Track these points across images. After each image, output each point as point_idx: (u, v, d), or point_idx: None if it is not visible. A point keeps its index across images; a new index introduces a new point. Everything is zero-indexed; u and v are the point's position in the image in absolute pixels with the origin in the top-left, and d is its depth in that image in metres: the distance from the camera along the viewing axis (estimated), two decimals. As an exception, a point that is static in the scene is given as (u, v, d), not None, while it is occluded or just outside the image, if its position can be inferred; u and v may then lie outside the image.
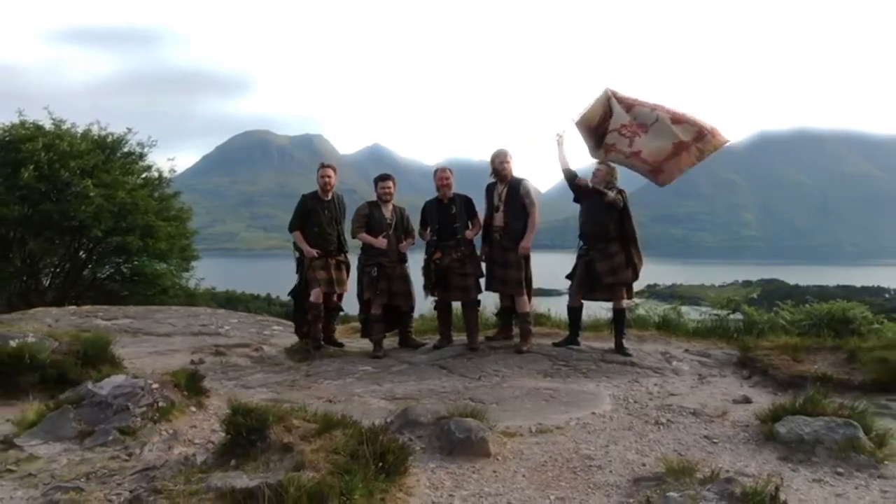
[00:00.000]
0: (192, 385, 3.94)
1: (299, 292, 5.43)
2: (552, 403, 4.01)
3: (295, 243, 5.42)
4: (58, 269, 11.61)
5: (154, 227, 11.28)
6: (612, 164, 5.20)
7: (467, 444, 3.08)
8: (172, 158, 13.18)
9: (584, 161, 5.64)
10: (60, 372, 4.38)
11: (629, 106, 5.06)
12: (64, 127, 11.58)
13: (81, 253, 11.65)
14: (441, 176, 5.31)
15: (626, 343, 5.13)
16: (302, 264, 5.41)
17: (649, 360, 4.97)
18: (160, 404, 3.52)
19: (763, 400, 3.98)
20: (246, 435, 2.73)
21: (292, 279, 5.60)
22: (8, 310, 10.14)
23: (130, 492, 2.54)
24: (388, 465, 2.62)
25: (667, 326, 5.92)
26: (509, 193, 5.18)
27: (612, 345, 5.19)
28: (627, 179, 5.61)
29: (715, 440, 3.35)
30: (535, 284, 5.39)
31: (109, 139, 12.08)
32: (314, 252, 5.30)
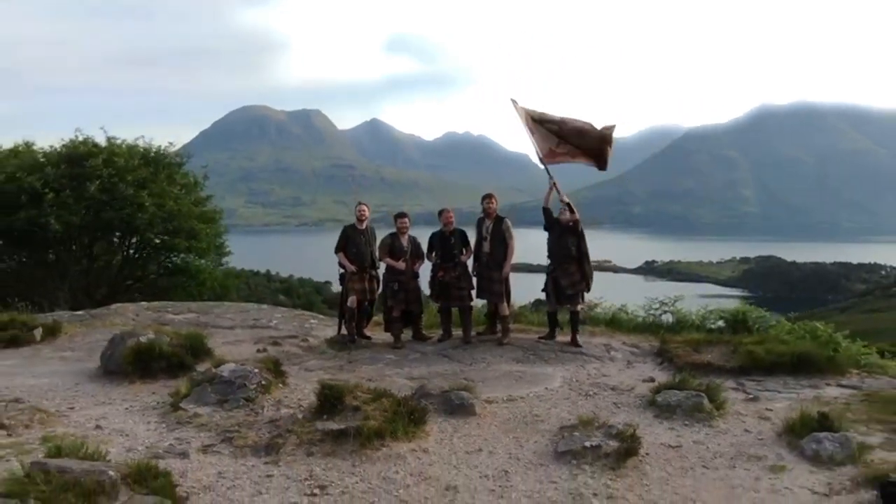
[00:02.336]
0: (276, 369, 5.82)
1: (342, 298, 7.32)
2: (520, 382, 5.90)
3: (339, 262, 7.26)
4: (111, 266, 13.46)
5: (196, 230, 13.12)
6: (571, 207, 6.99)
7: (462, 407, 4.96)
8: (205, 166, 14.93)
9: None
10: (179, 360, 6.25)
11: (541, 119, 6.90)
12: (116, 142, 13.30)
13: (131, 251, 13.49)
14: (446, 216, 7.17)
15: (579, 338, 7.00)
16: (344, 278, 7.26)
17: (595, 350, 6.86)
18: (263, 382, 5.39)
19: (663, 379, 5.86)
20: (331, 401, 4.60)
21: (291, 255, 7.42)
22: (73, 303, 12.03)
23: (269, 433, 4.42)
24: (415, 418, 4.51)
25: (613, 324, 7.81)
26: (494, 228, 7.02)
27: (569, 339, 7.07)
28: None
29: (619, 405, 5.24)
30: (535, 261, 7.27)
31: (153, 152, 13.81)
32: (353, 267, 7.16)
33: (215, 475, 3.78)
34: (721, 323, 7.48)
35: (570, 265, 6.91)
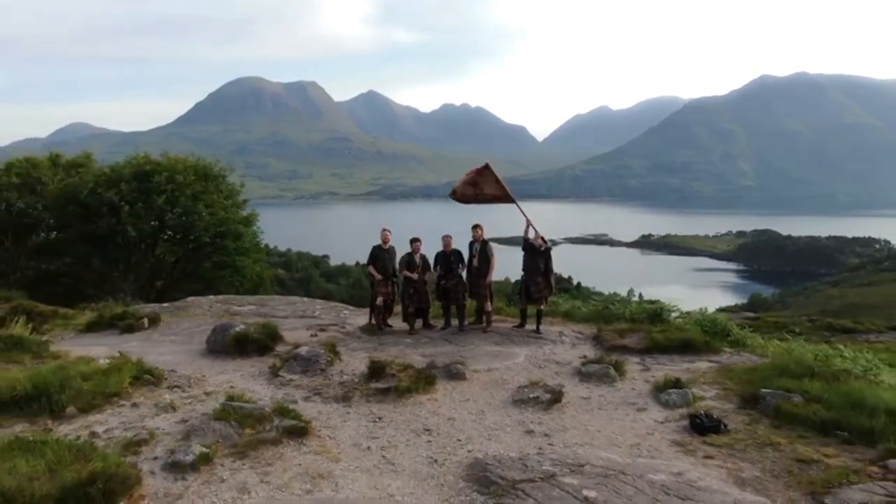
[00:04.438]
0: (333, 350, 8.66)
1: (372, 298, 10.16)
2: (497, 358, 8.75)
3: (370, 272, 10.06)
4: (167, 262, 16.27)
5: (240, 232, 15.88)
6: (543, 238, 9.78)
7: (458, 374, 7.81)
8: (243, 175, 17.54)
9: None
10: (264, 343, 9.07)
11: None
12: (170, 156, 15.96)
13: (188, 248, 16.29)
14: (447, 241, 9.93)
15: (541, 328, 9.85)
16: (373, 284, 10.07)
17: (551, 336, 9.72)
18: (328, 359, 8.24)
19: (592, 356, 8.71)
20: (377, 370, 7.45)
21: (287, 227, 10.52)
22: (139, 293, 14.82)
23: (341, 390, 7.27)
24: (429, 381, 7.36)
25: (568, 315, 10.65)
26: (481, 249, 9.81)
27: (534, 328, 9.92)
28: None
29: (559, 373, 8.10)
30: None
31: (201, 164, 16.45)
32: (380, 276, 9.96)
33: (317, 413, 6.64)
34: (645, 315, 10.31)
35: (538, 277, 9.74)
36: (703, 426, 6.25)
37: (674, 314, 10.31)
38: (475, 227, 9.93)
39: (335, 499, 4.85)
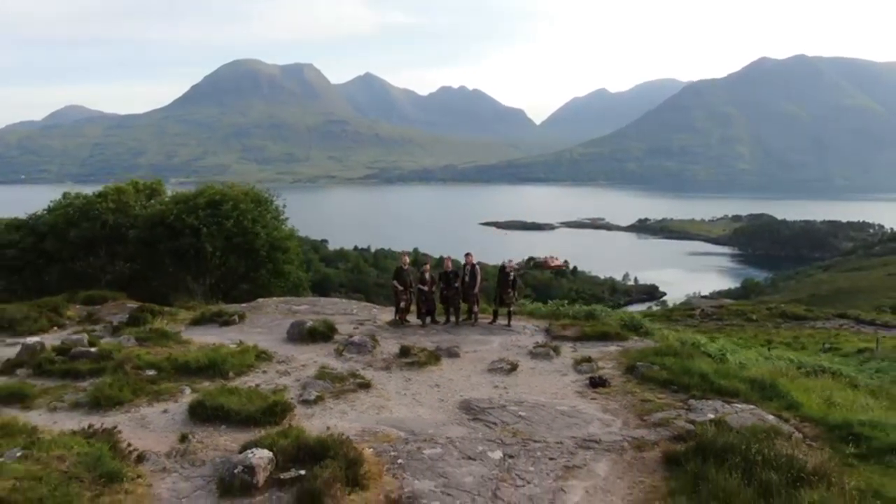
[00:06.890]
0: (374, 338, 13.29)
1: (396, 303, 14.76)
2: (480, 343, 13.39)
3: (394, 284, 14.64)
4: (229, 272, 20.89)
5: (287, 246, 20.45)
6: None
7: (454, 354, 12.44)
8: (281, 199, 22.17)
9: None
10: (326, 333, 13.67)
11: None
12: (230, 184, 20.44)
13: (247, 260, 20.88)
14: (446, 263, 14.50)
15: (511, 323, 14.49)
16: (396, 293, 14.66)
17: (517, 328, 14.35)
18: (372, 344, 12.87)
19: (541, 342, 13.34)
20: (405, 351, 12.11)
21: (285, 211, 15.56)
22: (209, 295, 19.37)
23: (384, 363, 11.92)
24: (437, 358, 12.04)
25: (531, 313, 15.28)
26: (471, 270, 14.39)
27: (506, 323, 14.55)
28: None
29: (518, 353, 12.74)
30: (530, 218, 15.02)
31: (254, 192, 20.96)
32: (402, 287, 14.54)
33: (372, 376, 11.24)
34: (583, 314, 14.94)
35: (508, 288, 14.36)
36: (596, 383, 10.89)
37: (603, 313, 14.93)
38: (467, 255, 14.54)
39: (392, 417, 9.48)
